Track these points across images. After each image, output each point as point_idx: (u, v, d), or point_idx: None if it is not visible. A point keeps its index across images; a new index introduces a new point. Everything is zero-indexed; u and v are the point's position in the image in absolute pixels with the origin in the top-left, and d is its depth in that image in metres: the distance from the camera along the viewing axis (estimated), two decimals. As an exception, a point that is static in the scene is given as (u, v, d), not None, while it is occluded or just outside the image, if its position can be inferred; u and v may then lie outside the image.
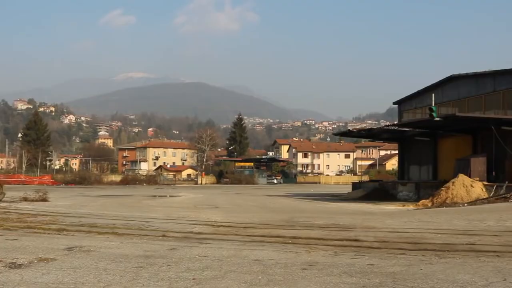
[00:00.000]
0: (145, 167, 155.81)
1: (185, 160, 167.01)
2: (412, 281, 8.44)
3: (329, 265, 9.95)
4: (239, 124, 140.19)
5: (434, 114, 33.75)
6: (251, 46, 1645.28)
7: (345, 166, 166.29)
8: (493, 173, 35.45)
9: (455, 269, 9.46)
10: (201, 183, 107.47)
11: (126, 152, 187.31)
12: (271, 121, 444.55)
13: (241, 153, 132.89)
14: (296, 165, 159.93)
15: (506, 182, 32.31)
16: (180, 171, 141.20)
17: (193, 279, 8.66)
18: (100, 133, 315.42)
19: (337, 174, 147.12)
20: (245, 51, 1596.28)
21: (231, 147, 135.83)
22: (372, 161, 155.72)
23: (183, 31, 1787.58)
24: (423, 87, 45.95)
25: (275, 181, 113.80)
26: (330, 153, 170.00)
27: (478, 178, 33.53)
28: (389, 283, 8.26)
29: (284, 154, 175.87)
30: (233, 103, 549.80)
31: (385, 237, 14.47)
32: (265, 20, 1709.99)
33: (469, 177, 33.12)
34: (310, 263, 10.10)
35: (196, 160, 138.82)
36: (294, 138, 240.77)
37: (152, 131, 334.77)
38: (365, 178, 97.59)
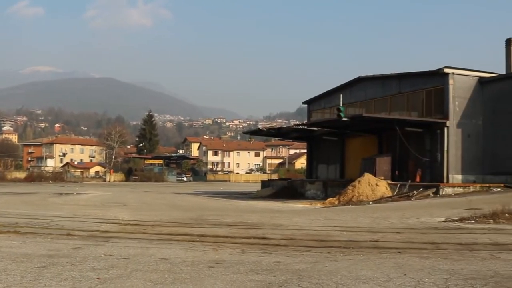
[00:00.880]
0: (51, 164, 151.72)
1: (94, 157, 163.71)
2: (317, 277, 8.55)
3: (236, 263, 9.96)
4: (149, 121, 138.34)
5: (341, 114, 34.50)
6: (163, 42, 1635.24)
7: (255, 164, 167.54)
8: (397, 172, 36.57)
9: (358, 266, 9.67)
10: (109, 181, 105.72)
11: (32, 148, 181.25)
12: (182, 118, 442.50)
13: (151, 150, 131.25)
14: (207, 163, 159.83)
15: (409, 181, 33.46)
16: (88, 168, 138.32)
17: (98, 278, 8.46)
18: (4, 128, 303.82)
19: (247, 173, 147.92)
20: (157, 47, 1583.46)
21: (141, 144, 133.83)
22: (282, 160, 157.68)
23: (93, 26, 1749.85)
24: (332, 88, 46.81)
25: (185, 179, 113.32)
26: (241, 152, 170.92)
27: (383, 177, 34.53)
28: (295, 280, 8.35)
29: (195, 152, 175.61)
30: (143, 99, 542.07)
31: (292, 234, 14.63)
32: (177, 17, 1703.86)
33: (375, 176, 34.05)
34: (217, 261, 10.08)
35: (104, 157, 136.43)
36: (205, 136, 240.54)
37: (59, 127, 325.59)
38: (275, 176, 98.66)
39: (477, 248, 12.18)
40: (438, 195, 30.64)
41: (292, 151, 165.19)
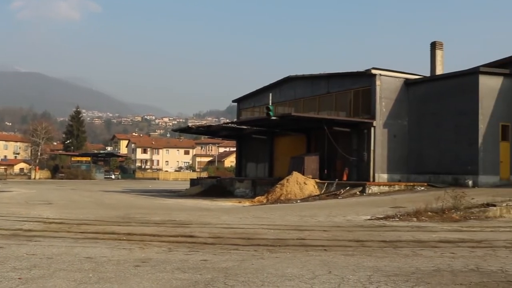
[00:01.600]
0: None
1: (18, 154, 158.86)
2: (244, 275, 8.58)
3: (162, 261, 9.89)
4: (76, 117, 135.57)
5: (271, 113, 34.74)
6: (92, 36, 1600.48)
7: (184, 162, 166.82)
8: (325, 171, 37.08)
9: (285, 263, 9.75)
10: (34, 178, 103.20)
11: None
12: (111, 115, 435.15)
13: (78, 147, 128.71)
14: (135, 161, 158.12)
15: (336, 180, 34.01)
16: (12, 165, 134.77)
17: (19, 278, 8.23)
18: None
19: (176, 170, 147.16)
20: (86, 41, 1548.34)
21: (68, 141, 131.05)
22: (212, 158, 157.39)
23: (20, 17, 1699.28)
24: (262, 86, 47.03)
25: (113, 176, 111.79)
26: (170, 149, 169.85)
27: (311, 176, 34.95)
28: (221, 278, 8.35)
29: (123, 149, 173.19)
30: (71, 95, 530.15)
31: (220, 233, 14.63)
32: (107, 11, 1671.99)
33: (303, 174, 34.44)
34: (143, 260, 9.99)
35: (30, 154, 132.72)
36: (134, 133, 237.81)
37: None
38: (204, 174, 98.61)
39: (400, 245, 12.48)
40: (364, 194, 31.24)
41: (222, 149, 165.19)
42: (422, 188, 32.46)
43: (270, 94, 38.87)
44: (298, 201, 30.39)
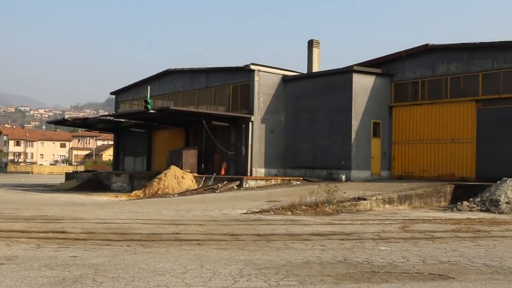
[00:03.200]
0: None
1: None
2: (114, 271, 8.43)
3: (29, 258, 9.53)
4: None
5: (149, 106, 34.34)
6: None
7: (60, 155, 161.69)
8: (203, 165, 37.14)
9: (157, 258, 9.68)
10: None
11: None
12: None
13: None
14: (8, 154, 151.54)
15: (214, 174, 34.17)
16: None
17: None
18: None
19: (51, 164, 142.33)
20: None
21: None
22: (89, 151, 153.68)
23: None
24: (141, 79, 46.40)
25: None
26: (45, 142, 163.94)
27: (189, 170, 34.92)
28: (90, 275, 8.16)
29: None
30: None
31: (93, 228, 14.31)
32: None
33: (181, 168, 34.34)
34: (8, 258, 9.58)
35: None
36: (6, 125, 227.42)
37: None
38: (81, 168, 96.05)
39: (273, 239, 12.72)
40: (242, 188, 31.56)
41: (100, 143, 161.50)
42: (298, 182, 33.21)
43: (149, 87, 38.44)
44: (176, 195, 30.28)
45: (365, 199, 22.78)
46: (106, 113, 64.43)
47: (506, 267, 9.51)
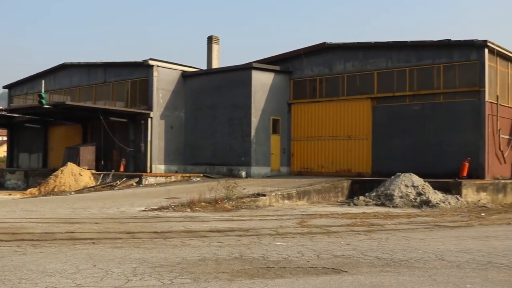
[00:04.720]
0: None
1: None
2: (0, 274, 8.09)
3: None
4: None
5: (43, 101, 33.22)
6: None
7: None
8: (102, 162, 36.45)
9: (48, 258, 9.37)
10: None
11: None
12: None
13: None
14: None
15: (113, 171, 33.58)
16: None
17: None
18: None
19: None
20: None
21: None
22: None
23: None
24: (36, 73, 44.93)
25: None
26: None
27: (87, 167, 34.16)
28: (-26, 278, 7.79)
29: None
30: None
31: (-19, 228, 13.70)
32: None
33: (79, 165, 33.57)
34: None
35: None
36: None
37: None
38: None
39: (171, 236, 12.62)
40: (141, 185, 31.19)
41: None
42: (198, 179, 33.15)
43: (43, 81, 37.20)
44: (73, 193, 29.55)
45: (264, 195, 23.02)
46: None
47: (396, 259, 9.83)
